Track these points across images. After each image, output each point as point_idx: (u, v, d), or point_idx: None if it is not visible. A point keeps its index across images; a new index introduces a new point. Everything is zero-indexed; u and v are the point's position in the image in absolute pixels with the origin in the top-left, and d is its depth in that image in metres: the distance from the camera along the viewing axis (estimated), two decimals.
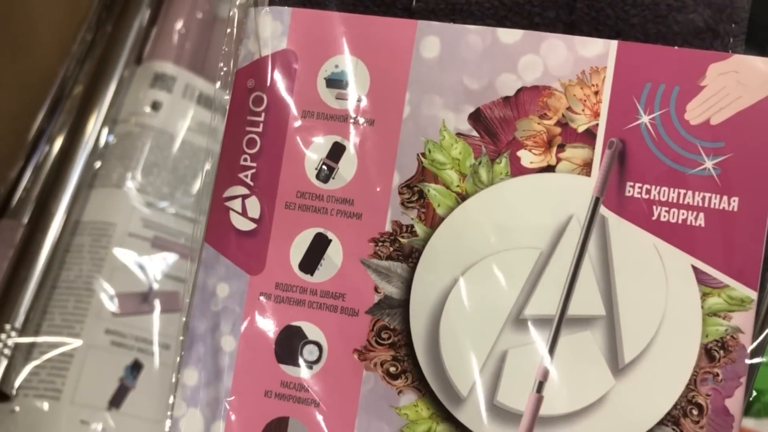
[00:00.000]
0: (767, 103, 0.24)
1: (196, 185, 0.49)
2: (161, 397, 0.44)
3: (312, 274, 0.26)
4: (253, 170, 0.27)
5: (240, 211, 0.27)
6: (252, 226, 0.27)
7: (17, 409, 0.42)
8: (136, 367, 0.44)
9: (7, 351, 0.42)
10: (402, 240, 0.26)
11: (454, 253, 0.25)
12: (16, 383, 0.43)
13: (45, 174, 0.48)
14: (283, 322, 0.26)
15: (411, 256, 0.26)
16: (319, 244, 0.26)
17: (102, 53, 0.51)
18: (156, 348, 0.45)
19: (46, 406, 0.42)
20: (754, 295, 0.24)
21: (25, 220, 0.47)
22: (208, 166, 0.28)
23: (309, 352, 0.26)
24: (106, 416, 0.43)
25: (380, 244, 0.26)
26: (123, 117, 0.50)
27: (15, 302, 0.44)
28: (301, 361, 0.26)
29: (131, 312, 0.45)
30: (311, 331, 0.26)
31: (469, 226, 0.25)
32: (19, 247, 0.45)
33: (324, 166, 0.26)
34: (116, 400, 0.43)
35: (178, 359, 0.27)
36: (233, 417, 0.26)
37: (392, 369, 0.25)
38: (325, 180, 0.26)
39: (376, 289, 0.26)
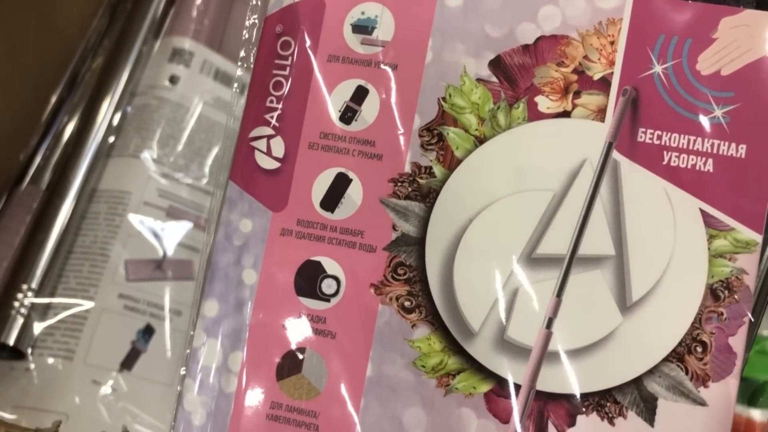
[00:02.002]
0: None
1: (211, 158, 0.51)
2: (172, 362, 0.46)
3: (332, 212, 0.28)
4: (279, 111, 0.29)
5: (265, 150, 0.29)
6: (276, 165, 0.29)
7: (32, 367, 0.44)
8: (148, 331, 0.46)
9: (23, 311, 0.44)
10: (420, 180, 0.28)
11: (470, 193, 0.27)
12: (31, 342, 0.45)
13: (64, 143, 0.50)
14: (303, 257, 0.28)
15: (428, 196, 0.28)
16: (341, 183, 0.28)
17: (122, 28, 0.53)
18: (168, 314, 0.47)
19: (59, 365, 0.44)
20: (759, 238, 0.25)
21: (44, 186, 0.49)
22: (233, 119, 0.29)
23: (327, 285, 0.28)
24: (117, 377, 0.45)
25: (399, 184, 0.28)
26: (141, 90, 0.53)
27: (32, 264, 0.46)
28: (319, 294, 0.28)
29: (145, 278, 0.47)
30: (330, 265, 0.28)
31: (486, 168, 0.27)
32: (37, 212, 0.48)
33: (347, 109, 0.28)
34: (128, 363, 0.45)
35: (199, 292, 0.29)
36: (252, 347, 0.28)
37: (407, 303, 0.27)
38: (348, 122, 0.28)
39: (393, 227, 0.28)
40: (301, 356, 0.28)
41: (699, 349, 0.25)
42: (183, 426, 0.28)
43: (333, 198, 0.28)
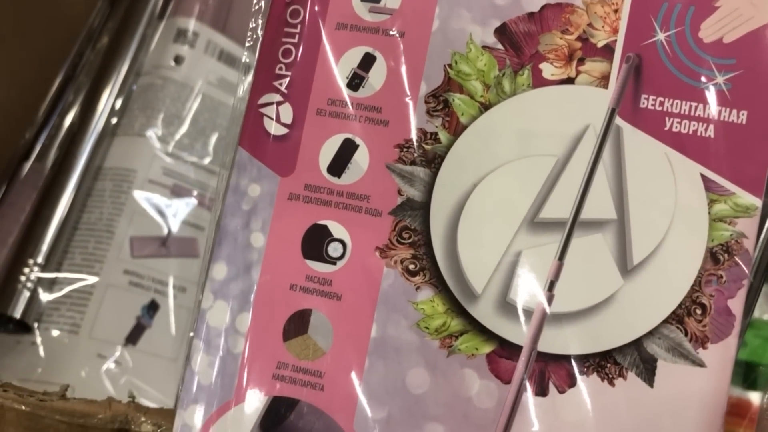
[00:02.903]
0: None
1: (215, 138, 0.52)
2: (177, 337, 0.47)
3: (339, 177, 0.29)
4: (288, 78, 0.30)
5: (274, 117, 0.30)
6: (284, 131, 0.30)
7: (38, 340, 0.45)
8: (152, 307, 0.48)
9: (29, 285, 0.46)
10: (426, 146, 0.29)
11: (475, 159, 0.28)
12: (38, 316, 0.46)
13: (69, 121, 0.51)
14: (310, 221, 0.29)
15: (434, 162, 0.29)
16: (347, 149, 0.29)
17: (127, 8, 0.54)
18: (172, 290, 0.48)
19: (65, 339, 0.45)
20: (758, 202, 0.26)
21: (50, 164, 0.50)
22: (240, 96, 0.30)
23: (333, 249, 0.29)
24: (122, 351, 0.46)
25: (405, 149, 0.29)
26: (146, 70, 0.54)
27: (38, 239, 0.47)
28: (325, 257, 0.29)
29: (149, 255, 0.48)
30: (336, 229, 0.29)
31: (491, 134, 0.28)
32: (43, 189, 0.49)
33: (355, 75, 0.29)
34: (133, 337, 0.46)
35: (208, 254, 0.30)
36: (259, 309, 0.29)
37: (411, 266, 0.28)
38: (356, 88, 0.29)
39: (399, 192, 0.29)
40: (307, 317, 0.29)
41: (698, 312, 0.26)
42: (191, 386, 0.29)
43: (340, 163, 0.29)
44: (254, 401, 0.29)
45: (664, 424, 0.26)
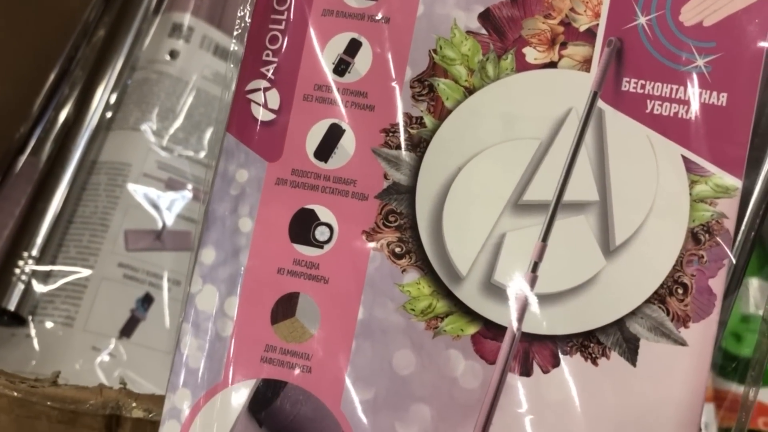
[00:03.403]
0: (756, 7, 0.27)
1: (210, 132, 0.53)
2: (171, 330, 0.48)
3: (326, 162, 0.30)
4: (275, 65, 0.30)
5: (261, 102, 0.30)
6: (272, 116, 0.30)
7: (33, 333, 0.46)
8: (147, 300, 0.48)
9: (24, 277, 0.46)
10: (411, 131, 0.29)
11: (459, 143, 0.29)
12: (32, 309, 0.46)
13: (64, 115, 0.52)
14: (297, 205, 0.30)
15: (419, 146, 0.29)
16: (334, 134, 0.30)
17: (122, 3, 0.55)
18: (166, 283, 0.48)
19: (59, 331, 0.46)
20: (739, 183, 0.27)
21: (44, 157, 0.51)
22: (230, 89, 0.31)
23: (321, 232, 0.29)
24: (117, 344, 0.46)
25: (391, 134, 0.29)
26: (141, 64, 0.55)
27: (33, 233, 0.48)
28: (313, 241, 0.29)
29: (144, 248, 0.49)
30: (323, 213, 0.30)
31: (475, 118, 0.29)
32: (38, 182, 0.49)
33: (341, 61, 0.30)
34: (127, 330, 0.47)
35: (197, 239, 0.30)
36: (247, 292, 0.30)
37: (397, 249, 0.29)
38: (342, 74, 0.30)
39: (385, 176, 0.29)
40: (294, 301, 0.29)
41: (680, 291, 0.27)
42: (180, 369, 0.30)
43: (326, 148, 0.30)
44: (243, 384, 0.29)
45: (646, 403, 0.27)
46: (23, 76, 0.52)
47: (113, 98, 0.52)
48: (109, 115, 0.52)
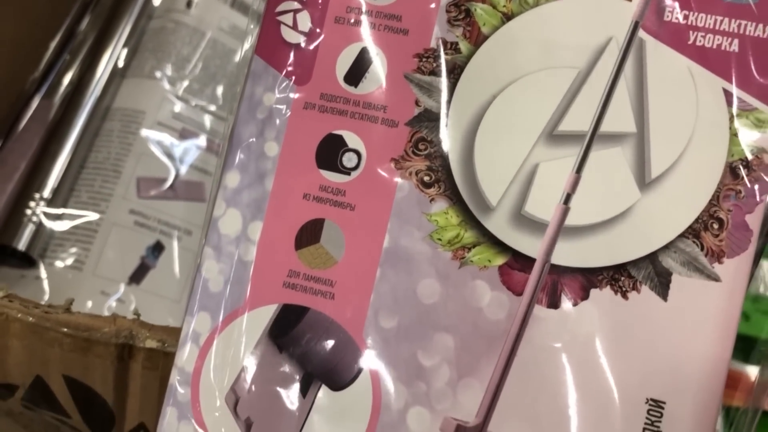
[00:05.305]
0: None
1: (225, 85, 0.53)
2: (181, 279, 0.48)
3: (356, 86, 0.30)
4: None
5: (291, 24, 0.31)
6: (301, 39, 0.31)
7: (43, 275, 0.46)
8: (157, 248, 0.49)
9: (35, 219, 0.47)
10: (446, 56, 0.29)
11: (495, 70, 0.29)
12: (42, 252, 0.47)
13: (79, 59, 0.52)
14: (325, 131, 0.30)
15: (453, 72, 0.29)
16: (365, 58, 0.30)
17: None
18: (177, 232, 0.49)
19: (69, 274, 0.46)
20: None
21: (58, 101, 0.51)
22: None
23: (348, 159, 0.30)
24: (126, 290, 0.47)
25: (424, 59, 0.30)
26: (158, 13, 0.55)
27: (45, 175, 0.48)
28: (340, 167, 0.30)
29: (155, 196, 0.49)
30: (352, 139, 0.30)
31: (512, 44, 0.29)
32: (51, 125, 0.50)
33: None
34: (137, 277, 0.47)
35: (222, 162, 0.31)
36: (271, 217, 0.30)
37: (426, 178, 0.29)
38: None
39: (416, 103, 0.30)
40: (319, 227, 0.30)
41: (715, 226, 0.27)
42: (200, 293, 0.30)
43: (357, 72, 0.30)
44: (264, 309, 0.30)
45: (676, 338, 0.27)
46: (40, 18, 0.52)
47: (129, 45, 0.53)
48: (124, 62, 0.52)
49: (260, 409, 0.29)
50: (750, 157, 0.27)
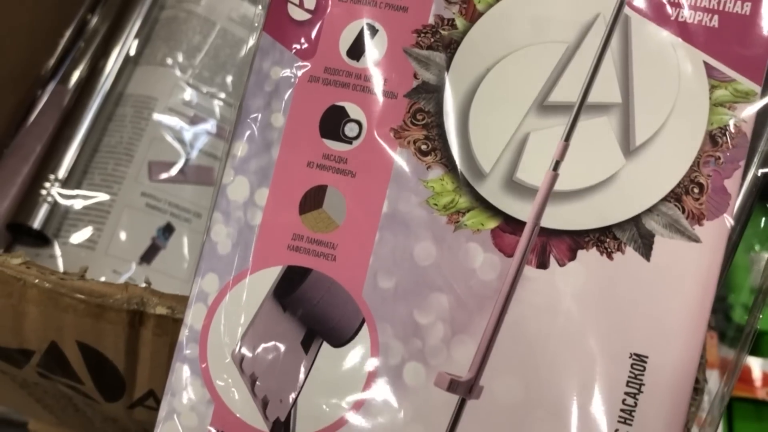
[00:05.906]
0: None
1: (234, 73, 0.55)
2: (190, 260, 0.50)
3: (358, 60, 0.32)
4: None
5: (297, 3, 0.33)
6: (307, 16, 0.33)
7: (57, 254, 0.49)
8: (168, 230, 0.51)
9: (50, 199, 0.49)
10: (443, 32, 0.31)
11: (489, 45, 0.31)
12: (56, 231, 0.49)
13: (93, 47, 0.54)
14: (328, 102, 0.32)
15: (450, 47, 0.31)
16: (367, 34, 0.32)
17: None
18: (187, 215, 0.51)
19: (82, 253, 0.48)
20: (757, 89, 0.29)
21: (72, 86, 0.53)
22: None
23: (350, 129, 0.32)
24: (137, 269, 0.49)
25: (422, 35, 0.32)
26: (170, 3, 0.57)
27: (60, 157, 0.50)
28: (342, 136, 0.32)
29: (167, 179, 0.51)
30: (353, 110, 0.32)
31: (505, 21, 0.31)
32: (66, 110, 0.52)
33: None
34: (147, 257, 0.49)
35: (230, 133, 0.33)
36: (277, 184, 0.32)
37: (423, 147, 0.31)
38: None
39: (415, 76, 0.31)
40: (322, 193, 0.32)
41: (696, 190, 0.29)
42: (209, 255, 0.32)
43: (359, 47, 0.32)
44: (269, 270, 0.31)
45: (659, 295, 0.29)
46: (55, 6, 0.54)
47: (142, 34, 0.55)
48: (137, 50, 0.55)
49: (265, 365, 0.31)
50: (728, 125, 0.29)
